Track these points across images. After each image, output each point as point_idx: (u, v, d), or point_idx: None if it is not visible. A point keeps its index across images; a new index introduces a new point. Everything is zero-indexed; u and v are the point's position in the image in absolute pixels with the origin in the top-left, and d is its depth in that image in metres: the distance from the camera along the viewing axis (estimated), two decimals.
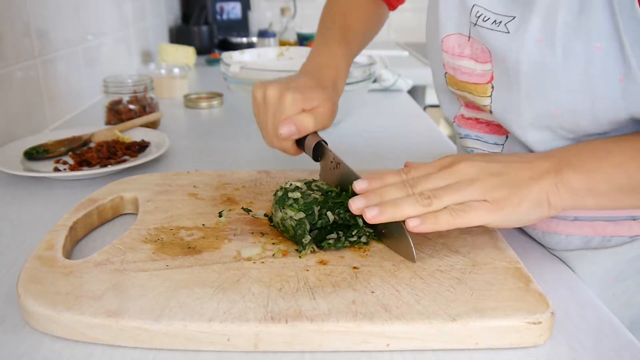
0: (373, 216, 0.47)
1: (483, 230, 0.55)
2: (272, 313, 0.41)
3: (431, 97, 1.87)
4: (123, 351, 0.41)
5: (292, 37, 2.17)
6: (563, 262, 0.57)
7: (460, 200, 0.46)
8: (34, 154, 0.80)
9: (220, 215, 0.57)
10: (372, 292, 0.44)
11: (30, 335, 0.43)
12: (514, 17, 0.50)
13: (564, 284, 0.51)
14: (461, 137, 0.63)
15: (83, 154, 0.80)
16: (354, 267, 0.48)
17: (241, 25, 2.24)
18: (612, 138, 0.49)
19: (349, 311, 0.42)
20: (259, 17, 2.34)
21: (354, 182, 0.51)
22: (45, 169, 0.77)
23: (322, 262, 0.49)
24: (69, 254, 0.53)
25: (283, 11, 2.22)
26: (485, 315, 0.41)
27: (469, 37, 0.55)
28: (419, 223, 0.46)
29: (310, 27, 2.23)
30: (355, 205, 0.48)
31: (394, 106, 1.27)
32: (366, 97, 0.87)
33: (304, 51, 1.16)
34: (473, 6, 0.53)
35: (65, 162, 0.80)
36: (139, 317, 0.41)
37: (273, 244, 0.52)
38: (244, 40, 2.08)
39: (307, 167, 0.79)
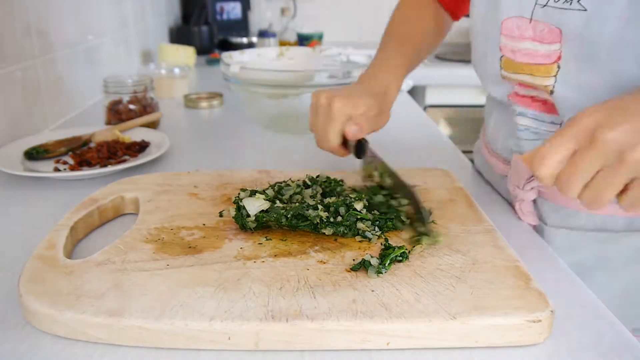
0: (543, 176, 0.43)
1: (483, 229, 0.55)
2: (273, 312, 0.42)
3: (431, 97, 1.87)
4: (124, 350, 0.41)
5: (292, 38, 2.17)
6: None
7: (616, 189, 0.41)
8: (34, 154, 0.80)
9: (220, 215, 0.58)
10: (372, 290, 0.44)
11: (31, 335, 0.43)
12: None
13: (564, 283, 0.51)
14: (516, 115, 0.62)
15: (83, 154, 0.80)
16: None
17: (241, 26, 2.24)
18: None
19: (349, 310, 0.42)
20: (259, 17, 2.34)
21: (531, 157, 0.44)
22: (45, 169, 0.77)
23: (322, 262, 0.49)
24: (69, 253, 0.53)
25: (283, 11, 2.22)
26: (485, 313, 0.42)
27: (531, 19, 0.56)
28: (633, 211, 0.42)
29: (310, 27, 2.23)
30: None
31: (394, 106, 1.27)
32: None
33: (303, 51, 1.17)
34: None
35: (65, 162, 0.80)
36: (140, 316, 0.41)
37: (281, 240, 0.52)
38: (244, 40, 2.09)
39: (306, 168, 0.80)
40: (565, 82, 0.55)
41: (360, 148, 0.64)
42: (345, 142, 0.65)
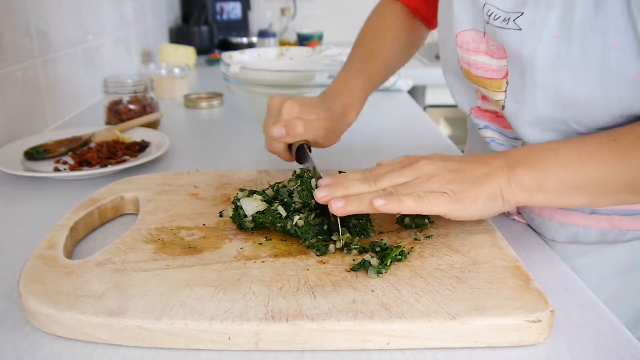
0: (338, 208, 0.48)
1: (483, 229, 0.55)
2: (273, 312, 0.42)
3: (431, 97, 1.87)
4: (124, 350, 0.41)
5: (292, 37, 2.17)
6: (561, 258, 0.57)
7: (419, 191, 0.49)
8: (34, 154, 0.80)
9: (220, 215, 0.58)
10: (372, 291, 0.44)
11: (31, 335, 0.43)
12: (522, 13, 0.51)
13: (564, 284, 0.51)
14: (480, 128, 0.64)
15: (83, 154, 0.80)
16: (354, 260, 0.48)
17: (241, 25, 2.24)
18: (563, 140, 0.51)
19: (349, 310, 0.42)
20: (259, 17, 2.34)
21: (319, 180, 0.52)
22: (45, 169, 0.77)
23: (322, 262, 0.49)
24: (69, 253, 0.53)
25: (283, 11, 2.22)
26: (485, 313, 0.42)
27: (484, 33, 0.56)
28: (384, 202, 0.48)
29: (310, 27, 2.23)
30: (319, 194, 0.50)
31: (394, 106, 1.27)
32: None
33: (303, 51, 1.17)
34: (484, 4, 0.54)
35: (65, 162, 0.80)
36: (140, 316, 0.41)
37: (281, 240, 0.52)
38: (244, 40, 2.09)
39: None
40: (513, 97, 0.55)
41: (299, 153, 0.63)
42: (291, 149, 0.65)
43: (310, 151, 0.62)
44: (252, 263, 0.49)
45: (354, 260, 0.49)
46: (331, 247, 0.51)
